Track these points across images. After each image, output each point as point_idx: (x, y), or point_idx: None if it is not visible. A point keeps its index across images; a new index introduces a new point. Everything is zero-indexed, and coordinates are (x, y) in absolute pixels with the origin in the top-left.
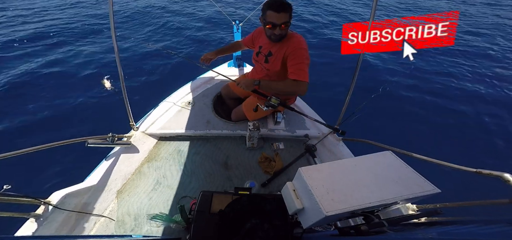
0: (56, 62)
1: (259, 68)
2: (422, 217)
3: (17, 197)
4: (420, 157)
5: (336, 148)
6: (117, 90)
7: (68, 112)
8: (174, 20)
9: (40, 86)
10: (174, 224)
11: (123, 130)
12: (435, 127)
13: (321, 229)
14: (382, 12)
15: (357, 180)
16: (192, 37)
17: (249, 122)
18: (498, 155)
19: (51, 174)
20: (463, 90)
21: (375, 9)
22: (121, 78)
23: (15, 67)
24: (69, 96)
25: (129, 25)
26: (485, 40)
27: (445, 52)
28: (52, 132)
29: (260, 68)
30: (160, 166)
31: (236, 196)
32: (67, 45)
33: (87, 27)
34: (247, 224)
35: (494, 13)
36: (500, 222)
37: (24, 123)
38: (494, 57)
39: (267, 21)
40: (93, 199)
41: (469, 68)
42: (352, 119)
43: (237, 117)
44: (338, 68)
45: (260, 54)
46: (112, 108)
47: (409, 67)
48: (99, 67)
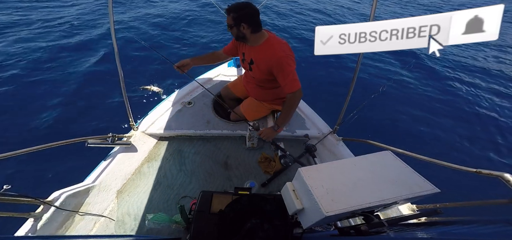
0: (55, 62)
1: (247, 75)
2: (422, 217)
3: (17, 197)
4: (420, 157)
5: (336, 148)
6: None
7: (68, 112)
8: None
9: (40, 86)
10: (174, 224)
11: (123, 130)
12: (435, 127)
13: (321, 229)
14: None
15: (357, 180)
16: (188, 35)
17: (249, 122)
18: (499, 155)
19: (51, 174)
20: (464, 89)
21: (375, 8)
22: (121, 78)
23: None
24: (69, 96)
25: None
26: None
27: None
28: (52, 132)
29: (249, 76)
30: (160, 166)
31: (236, 196)
32: (68, 44)
33: (87, 26)
34: (247, 224)
35: None
36: (500, 222)
37: (24, 123)
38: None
39: None
40: (93, 199)
41: (470, 66)
42: (352, 119)
43: (237, 117)
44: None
45: (245, 61)
46: (112, 108)
47: (409, 64)
48: (99, 67)
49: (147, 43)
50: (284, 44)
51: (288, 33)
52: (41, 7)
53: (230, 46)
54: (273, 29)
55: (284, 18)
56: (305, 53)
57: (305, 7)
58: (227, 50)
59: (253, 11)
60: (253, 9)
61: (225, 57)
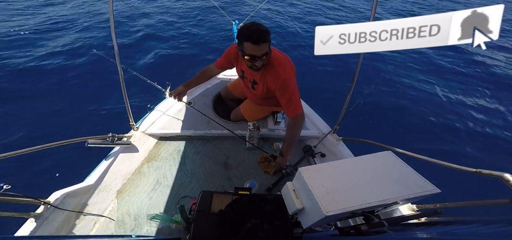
0: (55, 59)
1: (247, 90)
2: (422, 217)
3: (17, 197)
4: (420, 157)
5: (336, 148)
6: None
7: (68, 112)
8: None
9: (39, 86)
10: (174, 224)
11: (123, 130)
12: (434, 127)
13: (321, 229)
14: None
15: (357, 180)
16: (191, 36)
17: (249, 122)
18: (499, 155)
19: (51, 174)
20: (464, 88)
21: (375, 8)
22: (121, 78)
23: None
24: (69, 95)
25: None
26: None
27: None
28: (52, 132)
29: (250, 92)
30: (160, 166)
31: (236, 196)
32: (66, 42)
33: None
34: (247, 224)
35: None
36: (500, 222)
37: (24, 123)
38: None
39: (246, 53)
40: (93, 199)
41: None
42: (352, 119)
43: (236, 117)
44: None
45: (245, 78)
46: (112, 108)
47: (405, 59)
48: (98, 66)
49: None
50: (285, 61)
51: (287, 33)
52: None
53: (222, 61)
54: (274, 28)
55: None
56: (305, 53)
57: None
58: (220, 65)
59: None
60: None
61: (218, 72)
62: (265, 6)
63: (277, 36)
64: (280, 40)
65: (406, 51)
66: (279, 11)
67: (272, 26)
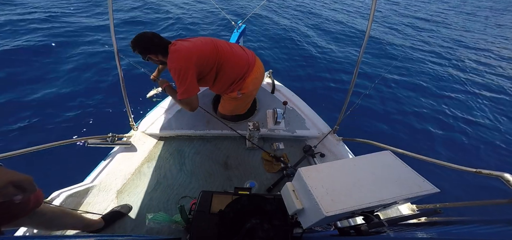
0: (53, 59)
1: None
2: (422, 217)
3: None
4: (420, 157)
5: (336, 148)
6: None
7: (68, 112)
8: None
9: (38, 85)
10: (174, 224)
11: (123, 130)
12: (434, 126)
13: (321, 229)
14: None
15: (357, 180)
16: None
17: (249, 122)
18: (499, 155)
19: (51, 174)
20: (464, 88)
21: (374, 13)
22: (121, 78)
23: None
24: (69, 95)
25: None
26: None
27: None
28: (52, 132)
29: None
30: (160, 166)
31: (236, 196)
32: (67, 43)
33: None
34: (247, 224)
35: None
36: (500, 222)
37: (24, 123)
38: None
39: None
40: (93, 199)
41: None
42: (351, 119)
43: (223, 115)
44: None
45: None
46: (112, 108)
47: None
48: (98, 66)
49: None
50: (173, 56)
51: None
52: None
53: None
54: (275, 26)
55: (283, 16)
56: (305, 53)
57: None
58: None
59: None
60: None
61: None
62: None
63: (280, 36)
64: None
65: (406, 51)
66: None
67: (272, 26)
